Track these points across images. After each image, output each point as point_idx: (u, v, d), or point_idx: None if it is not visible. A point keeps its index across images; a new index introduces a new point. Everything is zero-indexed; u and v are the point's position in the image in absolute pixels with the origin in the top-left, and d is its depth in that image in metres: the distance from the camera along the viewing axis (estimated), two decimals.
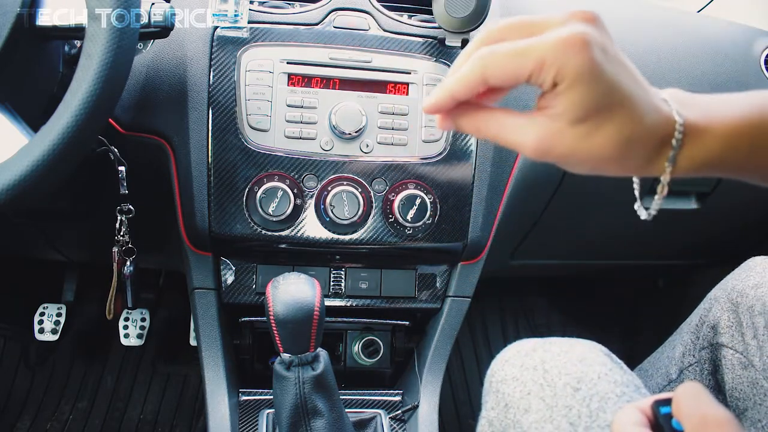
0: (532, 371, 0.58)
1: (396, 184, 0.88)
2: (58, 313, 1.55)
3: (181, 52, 0.85)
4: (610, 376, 0.55)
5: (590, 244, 1.25)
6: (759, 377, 0.75)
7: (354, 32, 0.87)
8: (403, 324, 1.00)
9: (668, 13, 1.15)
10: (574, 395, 0.54)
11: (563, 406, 0.54)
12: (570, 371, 0.56)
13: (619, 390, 0.54)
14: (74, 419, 1.45)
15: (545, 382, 0.56)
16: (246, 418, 0.90)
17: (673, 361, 0.90)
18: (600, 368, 0.56)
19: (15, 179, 0.61)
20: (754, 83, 1.07)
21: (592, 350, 0.59)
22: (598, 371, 0.56)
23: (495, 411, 0.60)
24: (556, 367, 0.57)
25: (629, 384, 0.56)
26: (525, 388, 0.57)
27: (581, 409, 0.53)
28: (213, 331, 0.92)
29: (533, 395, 0.56)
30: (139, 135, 0.87)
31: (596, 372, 0.56)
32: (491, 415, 0.60)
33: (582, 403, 0.53)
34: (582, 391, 0.54)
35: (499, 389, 0.60)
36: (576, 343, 0.60)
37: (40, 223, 1.13)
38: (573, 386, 0.55)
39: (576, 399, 0.54)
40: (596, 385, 0.55)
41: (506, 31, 0.42)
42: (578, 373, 0.56)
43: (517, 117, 0.44)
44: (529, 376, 0.58)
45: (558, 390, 0.55)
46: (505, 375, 0.60)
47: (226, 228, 0.86)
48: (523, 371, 0.59)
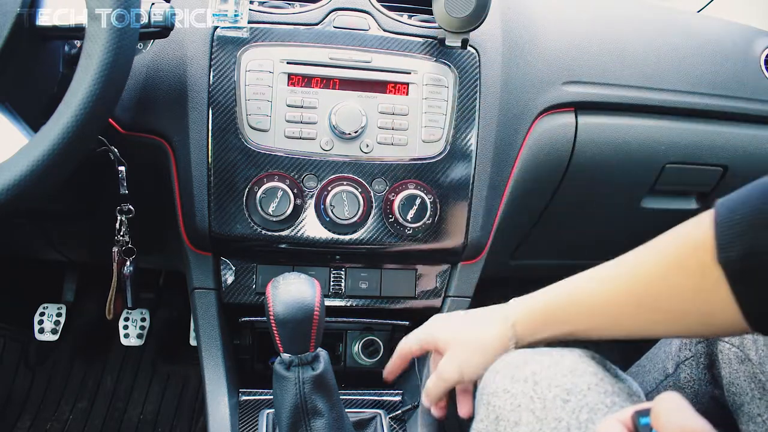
0: (523, 383, 0.58)
1: (396, 184, 0.88)
2: (58, 313, 1.55)
3: (181, 52, 0.85)
4: (600, 387, 0.55)
5: (590, 244, 1.25)
6: (756, 371, 0.75)
7: (354, 32, 0.87)
8: (403, 324, 1.00)
9: (668, 13, 1.15)
10: (564, 407, 0.54)
11: (553, 418, 0.54)
12: (560, 383, 0.56)
13: (609, 400, 0.54)
14: (74, 419, 1.45)
15: (535, 395, 0.56)
16: (246, 418, 0.90)
17: (669, 356, 0.90)
18: (590, 378, 0.56)
19: (15, 179, 0.61)
20: (753, 83, 1.07)
21: (583, 360, 0.59)
22: (588, 382, 0.56)
23: (484, 423, 0.60)
24: (546, 378, 0.57)
25: (620, 393, 0.55)
26: (515, 400, 0.57)
27: (570, 421, 0.53)
28: (213, 331, 0.92)
29: (523, 408, 0.56)
30: (139, 135, 0.87)
31: (586, 383, 0.56)
32: (480, 428, 0.60)
33: (571, 415, 0.53)
34: (572, 402, 0.54)
35: (490, 401, 0.60)
36: (567, 354, 0.60)
37: (40, 223, 1.13)
38: (563, 398, 0.55)
39: (566, 411, 0.54)
40: (586, 396, 0.54)
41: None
42: (568, 385, 0.56)
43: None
44: (519, 389, 0.58)
45: (548, 402, 0.55)
46: (496, 387, 0.60)
47: (226, 228, 0.86)
48: (513, 383, 0.59)
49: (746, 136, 1.07)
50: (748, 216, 0.48)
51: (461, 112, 0.89)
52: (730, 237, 0.49)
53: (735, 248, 0.48)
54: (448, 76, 0.88)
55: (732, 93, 1.06)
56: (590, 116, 1.00)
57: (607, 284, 0.60)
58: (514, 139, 0.93)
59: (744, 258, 0.48)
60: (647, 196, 1.11)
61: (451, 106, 0.88)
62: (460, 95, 0.88)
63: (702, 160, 1.06)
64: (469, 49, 0.89)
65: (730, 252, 0.48)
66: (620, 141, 1.01)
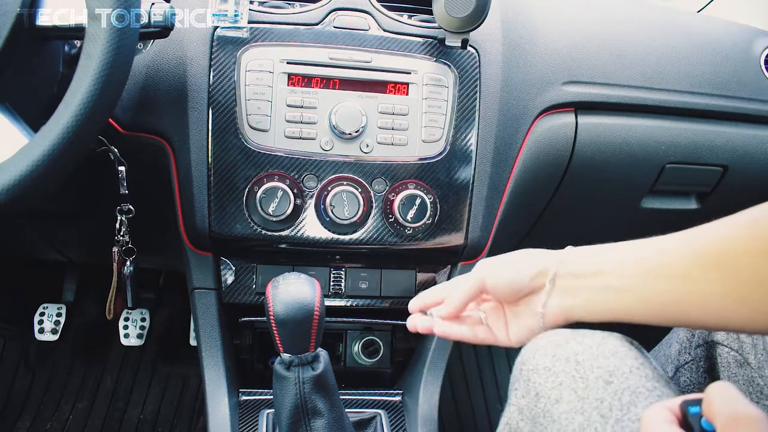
0: (564, 362, 0.58)
1: (396, 184, 0.88)
2: (58, 313, 1.55)
3: (181, 52, 0.85)
4: (641, 371, 0.56)
5: (590, 244, 1.25)
6: (754, 375, 0.75)
7: (354, 32, 0.87)
8: (403, 324, 1.00)
9: (668, 13, 1.15)
10: (606, 388, 0.54)
11: (595, 398, 0.54)
12: (602, 364, 0.56)
13: (650, 384, 0.54)
14: (74, 419, 1.45)
15: (577, 374, 0.57)
16: (246, 418, 0.90)
17: (669, 359, 0.90)
18: (632, 362, 0.56)
19: (15, 179, 0.61)
20: (753, 83, 1.07)
21: (624, 344, 0.59)
22: (630, 365, 0.56)
23: (525, 399, 0.60)
24: (588, 359, 0.57)
25: (660, 379, 0.56)
26: (557, 378, 0.58)
27: (613, 402, 0.53)
28: (213, 331, 0.92)
29: (565, 386, 0.56)
30: (139, 135, 0.87)
31: (628, 366, 0.56)
32: (521, 403, 0.60)
33: (614, 396, 0.53)
34: (614, 384, 0.54)
35: (530, 378, 0.60)
36: (609, 337, 0.60)
37: (40, 223, 1.13)
38: (605, 379, 0.55)
39: (608, 392, 0.54)
40: (628, 379, 0.55)
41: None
42: (610, 367, 0.56)
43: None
44: (561, 367, 0.58)
45: (590, 382, 0.55)
46: (536, 364, 0.60)
47: (226, 228, 0.86)
48: (555, 362, 0.59)
49: (746, 136, 1.07)
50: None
51: (461, 112, 0.89)
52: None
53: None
54: (448, 76, 0.88)
55: (732, 93, 1.06)
56: (590, 116, 1.00)
57: (667, 244, 0.55)
58: (514, 139, 0.93)
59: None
60: (647, 196, 1.11)
61: (451, 106, 0.88)
62: (460, 95, 0.88)
63: (702, 160, 1.06)
64: (469, 49, 0.89)
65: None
66: (620, 141, 1.01)
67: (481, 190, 0.91)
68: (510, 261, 0.66)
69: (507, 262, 0.66)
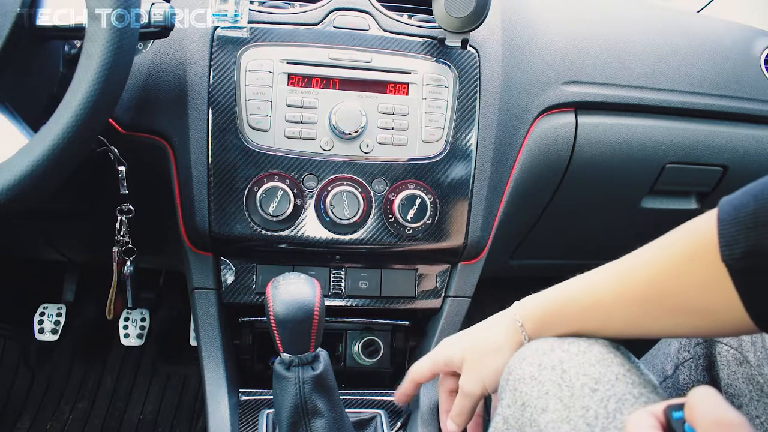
0: (550, 371, 0.58)
1: (396, 184, 0.88)
2: (58, 313, 1.55)
3: (181, 52, 0.85)
4: (628, 377, 0.56)
5: (590, 244, 1.25)
6: (754, 373, 0.75)
7: (354, 32, 0.87)
8: (403, 324, 1.00)
9: (668, 13, 1.15)
10: (592, 396, 0.54)
11: (580, 406, 0.54)
12: (588, 372, 0.56)
13: (636, 391, 0.54)
14: (74, 419, 1.45)
15: (563, 382, 0.56)
16: (246, 418, 0.90)
17: (668, 357, 0.90)
18: (618, 369, 0.56)
19: (15, 179, 0.61)
20: (753, 83, 1.07)
21: (611, 350, 0.59)
22: (616, 372, 0.56)
23: (511, 409, 0.60)
24: (574, 367, 0.57)
25: (647, 385, 0.56)
26: (543, 387, 0.57)
27: (598, 410, 0.53)
28: (213, 331, 0.92)
29: (551, 395, 0.56)
30: (139, 135, 0.87)
31: (614, 373, 0.56)
32: (507, 413, 0.60)
33: (599, 404, 0.53)
34: (600, 392, 0.54)
35: (517, 387, 0.60)
36: (594, 344, 0.60)
37: (40, 223, 1.13)
38: (591, 387, 0.55)
39: (593, 400, 0.54)
40: (614, 386, 0.55)
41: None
42: (596, 374, 0.56)
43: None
44: (547, 376, 0.58)
45: (576, 390, 0.55)
46: (522, 373, 0.60)
47: (226, 228, 0.86)
48: (541, 370, 0.59)
49: (746, 136, 1.07)
50: (751, 214, 0.48)
51: (461, 112, 0.89)
52: (733, 235, 0.49)
53: (738, 246, 0.48)
54: (448, 76, 0.88)
55: (732, 93, 1.06)
56: (590, 116, 1.00)
57: (613, 283, 0.60)
58: (514, 139, 0.93)
59: (747, 256, 0.48)
60: (647, 196, 1.11)
61: (451, 106, 0.88)
62: (460, 95, 0.88)
63: (702, 160, 1.06)
64: (469, 49, 0.89)
65: (734, 250, 0.48)
66: (620, 141, 1.01)
67: (481, 190, 0.91)
68: (486, 351, 0.70)
69: (487, 353, 0.70)
